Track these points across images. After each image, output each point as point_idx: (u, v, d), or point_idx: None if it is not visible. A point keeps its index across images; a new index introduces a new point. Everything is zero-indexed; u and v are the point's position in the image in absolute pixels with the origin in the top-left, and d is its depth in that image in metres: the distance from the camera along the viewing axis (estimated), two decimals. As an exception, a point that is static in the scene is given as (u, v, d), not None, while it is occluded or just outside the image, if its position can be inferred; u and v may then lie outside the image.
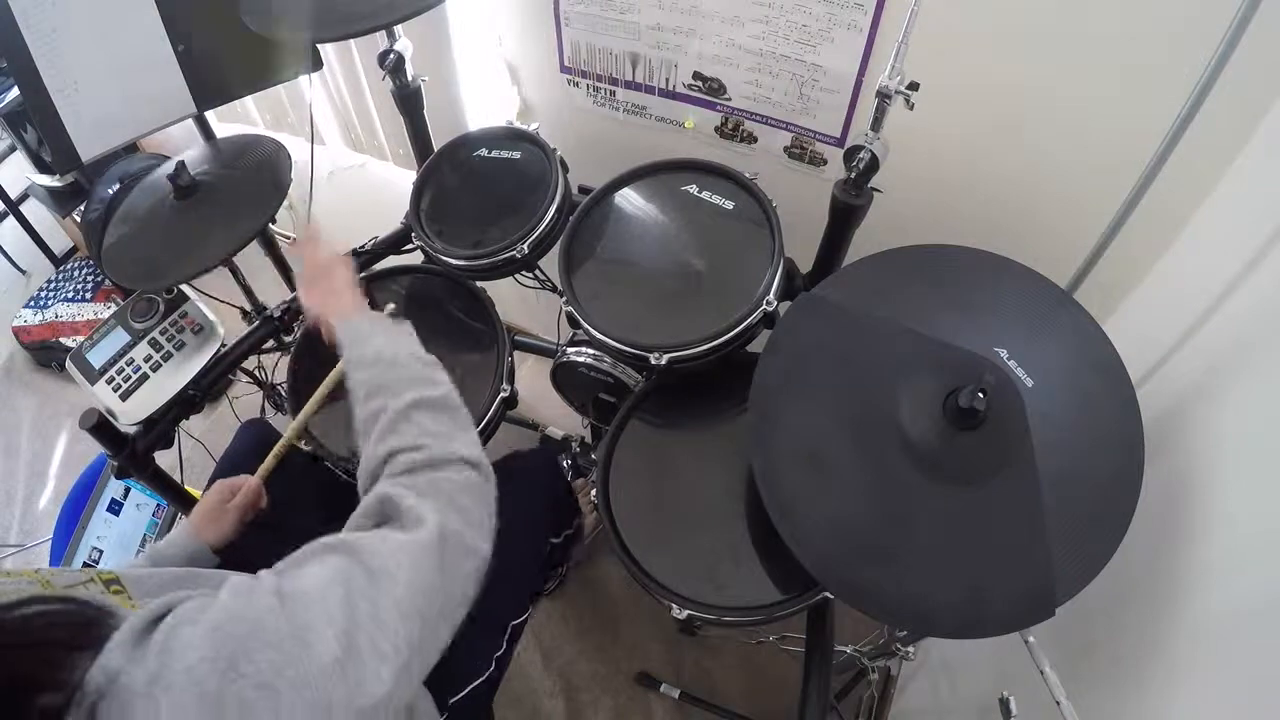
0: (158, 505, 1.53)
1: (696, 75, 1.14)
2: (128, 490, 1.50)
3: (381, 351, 0.70)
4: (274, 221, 1.17)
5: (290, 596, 0.49)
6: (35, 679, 0.41)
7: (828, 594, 0.81)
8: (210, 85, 1.20)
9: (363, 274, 1.21)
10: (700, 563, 0.85)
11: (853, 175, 0.84)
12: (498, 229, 1.06)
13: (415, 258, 1.19)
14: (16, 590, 0.49)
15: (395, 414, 0.63)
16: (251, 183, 1.18)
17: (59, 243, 2.30)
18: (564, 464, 1.63)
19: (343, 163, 1.81)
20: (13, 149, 1.91)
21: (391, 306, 1.08)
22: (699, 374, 0.94)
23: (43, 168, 1.83)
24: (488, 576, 0.96)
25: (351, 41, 1.48)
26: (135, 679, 0.43)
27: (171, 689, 0.43)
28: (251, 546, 0.90)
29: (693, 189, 1.02)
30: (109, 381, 1.04)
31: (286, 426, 1.01)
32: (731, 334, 0.89)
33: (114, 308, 1.63)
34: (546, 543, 1.11)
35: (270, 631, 0.46)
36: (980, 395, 0.65)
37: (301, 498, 1.04)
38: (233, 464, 1.06)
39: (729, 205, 1.00)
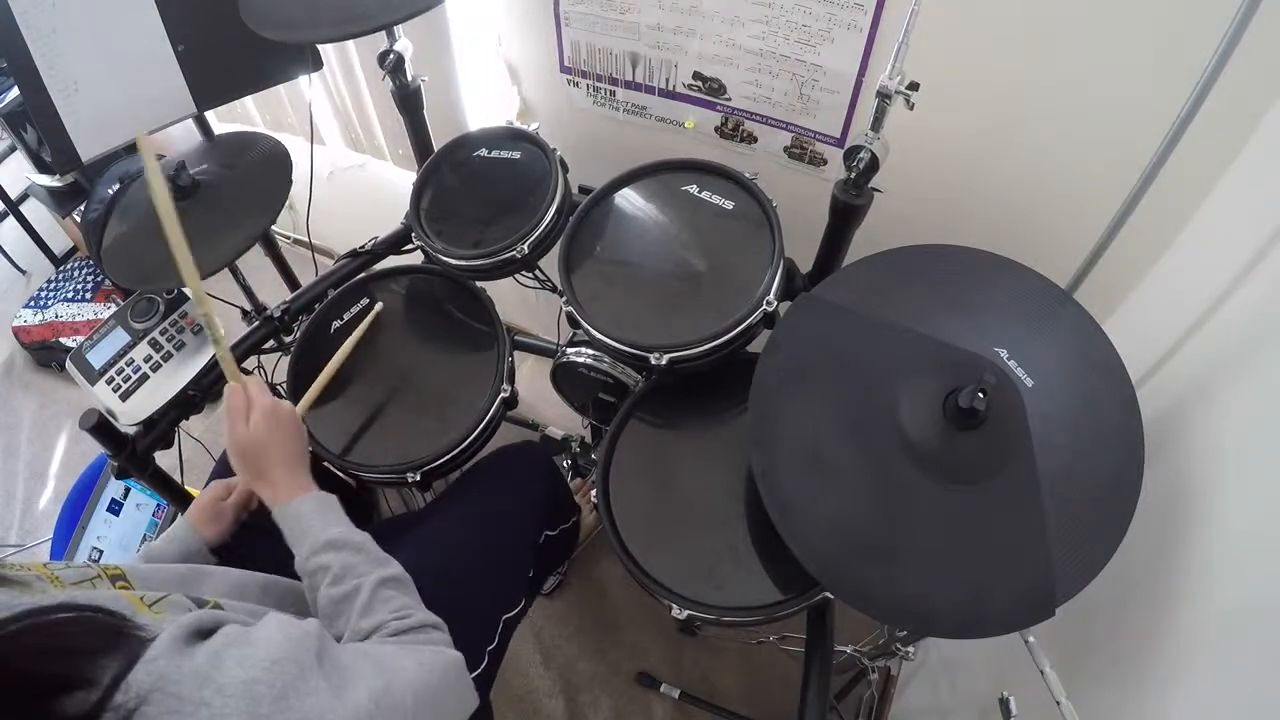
0: (158, 505, 1.53)
1: (696, 75, 1.14)
2: (128, 490, 1.50)
3: (335, 537, 0.74)
4: (274, 222, 1.17)
5: (329, 657, 0.55)
6: (62, 681, 0.42)
7: (828, 594, 0.81)
8: (210, 85, 1.20)
9: (362, 274, 1.21)
10: (700, 563, 0.85)
11: (853, 175, 0.84)
12: (498, 229, 1.06)
13: (415, 258, 1.19)
14: (26, 584, 0.51)
15: (370, 592, 0.68)
16: (251, 183, 1.18)
17: (59, 243, 2.30)
18: (564, 464, 1.63)
19: (343, 163, 1.81)
20: (13, 149, 1.90)
21: (379, 306, 1.10)
22: (699, 374, 0.94)
23: (43, 168, 1.83)
24: (478, 566, 0.96)
25: (351, 41, 1.48)
26: (185, 680, 0.45)
27: (224, 692, 0.46)
28: (246, 547, 0.90)
29: (693, 189, 1.02)
30: (109, 381, 1.04)
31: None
32: (731, 334, 0.89)
33: (114, 308, 1.63)
34: (540, 534, 1.11)
35: (316, 679, 0.51)
36: (980, 395, 0.65)
37: None
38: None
39: (729, 205, 1.00)
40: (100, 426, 0.98)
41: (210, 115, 1.29)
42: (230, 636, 0.50)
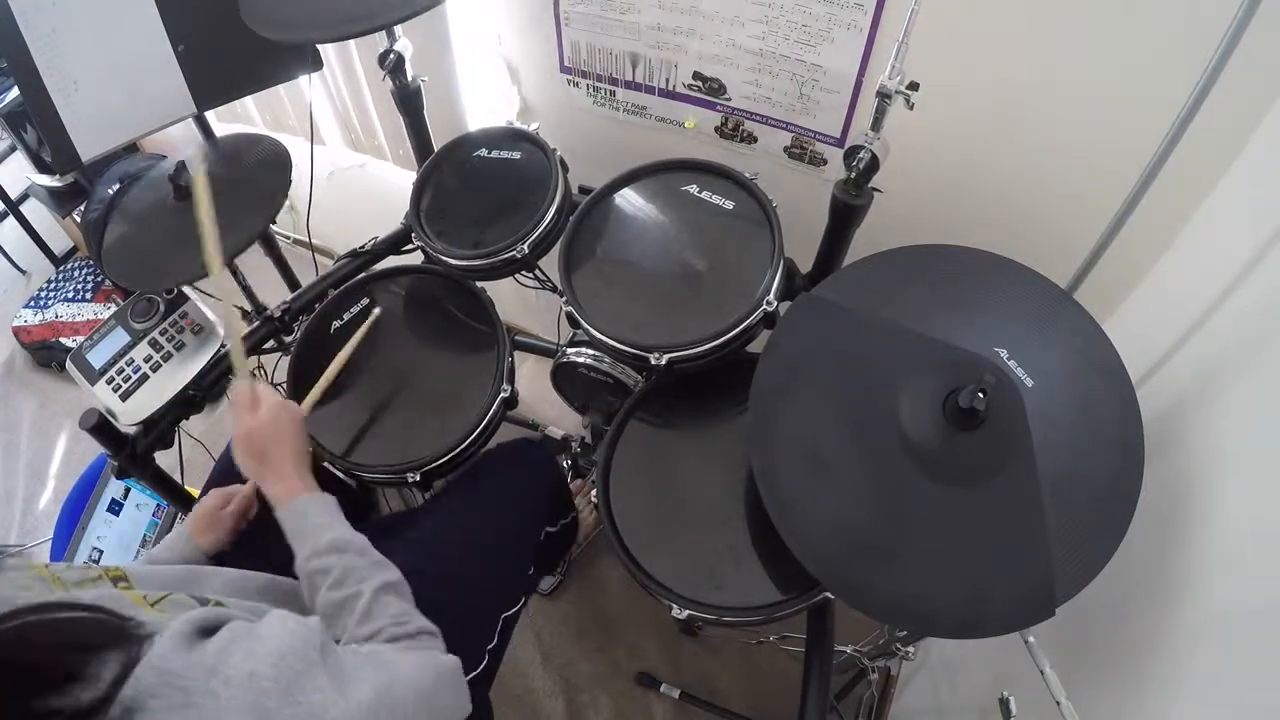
0: (158, 505, 1.53)
1: (696, 75, 1.14)
2: (128, 490, 1.50)
3: (338, 539, 0.74)
4: (274, 222, 1.17)
5: (332, 656, 0.56)
6: (62, 675, 0.43)
7: (828, 594, 0.81)
8: (210, 85, 1.20)
9: (362, 274, 1.21)
10: (700, 563, 0.85)
11: (853, 175, 0.84)
12: (498, 229, 1.06)
13: (415, 258, 1.19)
14: (27, 584, 0.52)
15: (370, 598, 0.68)
16: (251, 183, 1.18)
17: (59, 243, 2.30)
18: (564, 464, 1.63)
19: (343, 163, 1.81)
20: (13, 149, 1.90)
21: (377, 311, 1.11)
22: (699, 374, 0.94)
23: (43, 168, 1.82)
24: (479, 564, 0.96)
25: (351, 41, 1.48)
26: (192, 674, 0.46)
27: (231, 684, 0.47)
28: (243, 548, 0.90)
29: (693, 189, 1.02)
30: (109, 381, 1.04)
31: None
32: (731, 334, 0.89)
33: (114, 308, 1.63)
34: (540, 531, 1.11)
35: (320, 675, 0.52)
36: (980, 395, 0.65)
37: None
38: (232, 465, 1.06)
39: (729, 205, 1.00)
40: (100, 426, 0.98)
41: (210, 115, 1.29)
42: (236, 631, 0.51)
